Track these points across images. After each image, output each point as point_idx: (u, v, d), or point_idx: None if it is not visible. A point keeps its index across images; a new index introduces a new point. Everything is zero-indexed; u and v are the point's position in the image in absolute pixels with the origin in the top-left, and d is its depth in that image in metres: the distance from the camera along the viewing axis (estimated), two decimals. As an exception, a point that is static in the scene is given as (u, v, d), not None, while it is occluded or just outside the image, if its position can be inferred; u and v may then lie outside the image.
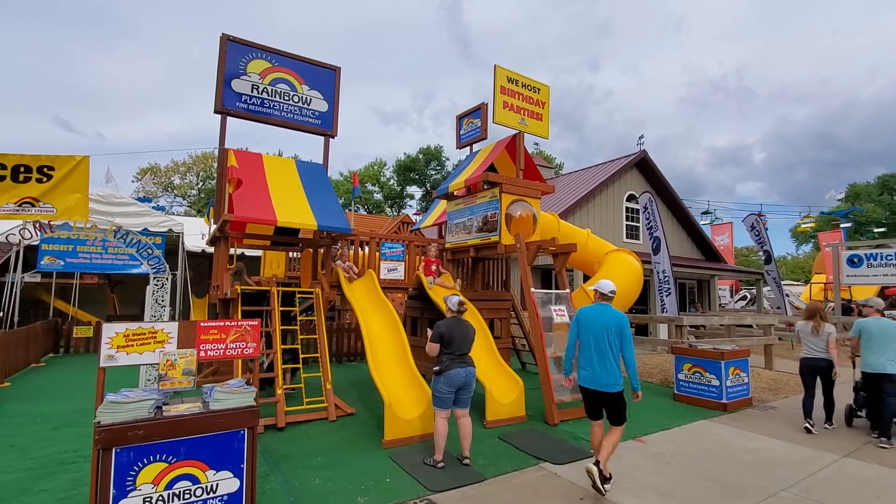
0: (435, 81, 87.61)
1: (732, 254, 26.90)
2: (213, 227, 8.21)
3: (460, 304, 5.02)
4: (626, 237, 18.35)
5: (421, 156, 45.48)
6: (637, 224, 18.70)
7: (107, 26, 71.32)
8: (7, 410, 6.47)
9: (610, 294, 4.51)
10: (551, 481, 4.49)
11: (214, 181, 38.78)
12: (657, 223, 12.07)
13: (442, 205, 10.15)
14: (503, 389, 6.40)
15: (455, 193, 8.74)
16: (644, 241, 18.51)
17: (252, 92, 7.63)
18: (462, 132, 10.18)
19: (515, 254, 7.61)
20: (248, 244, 8.71)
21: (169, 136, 59.94)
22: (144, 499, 2.98)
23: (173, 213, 26.89)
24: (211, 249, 12.22)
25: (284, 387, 6.13)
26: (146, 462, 3.01)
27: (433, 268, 8.23)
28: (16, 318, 11.50)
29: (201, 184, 41.20)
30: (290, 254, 11.40)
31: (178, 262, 13.20)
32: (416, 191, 46.71)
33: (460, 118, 10.27)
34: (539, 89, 8.55)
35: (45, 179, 5.90)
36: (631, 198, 18.73)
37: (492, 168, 8.31)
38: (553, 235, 7.59)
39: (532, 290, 6.80)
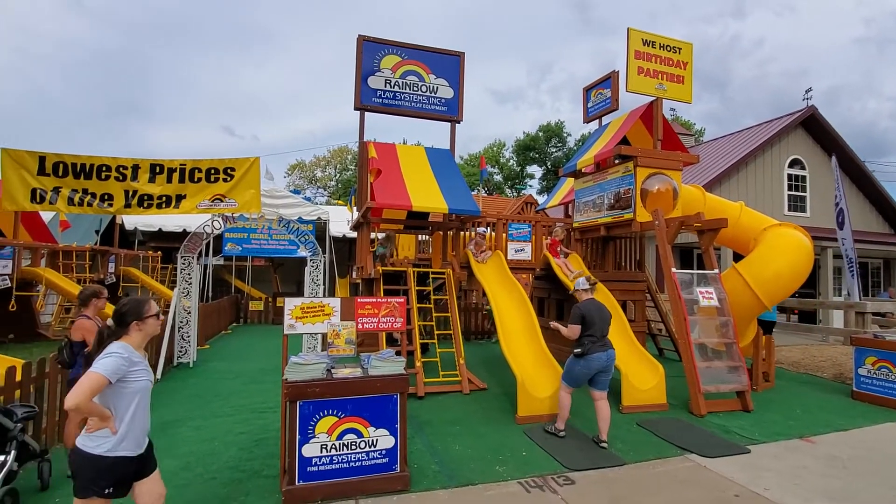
0: (550, 53, 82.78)
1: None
2: (357, 213, 9.08)
3: (588, 279, 5.06)
4: (789, 209, 15.86)
5: (541, 133, 44.19)
6: (802, 194, 16.06)
7: (259, 41, 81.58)
8: (210, 368, 8.04)
9: None
10: (700, 473, 4.22)
11: (349, 172, 42.51)
12: (840, 192, 10.23)
13: (568, 183, 9.85)
14: (641, 375, 6.11)
15: (583, 170, 8.42)
16: (813, 214, 15.86)
17: (385, 87, 8.18)
18: (590, 105, 9.70)
19: (652, 231, 7.12)
20: (383, 228, 9.47)
21: (308, 133, 66.96)
22: (322, 445, 3.53)
23: (317, 203, 30.18)
24: (351, 234, 13.54)
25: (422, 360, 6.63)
26: (322, 415, 3.55)
27: (558, 249, 8.09)
28: (209, 294, 14.12)
29: (338, 175, 45.41)
30: (420, 236, 12.13)
31: (326, 245, 14.88)
32: (536, 170, 45.73)
33: (587, 90, 9.78)
34: (680, 49, 7.75)
35: (228, 179, 7.13)
36: (795, 163, 16.09)
37: (624, 141, 7.81)
38: (698, 210, 6.90)
39: (674, 270, 6.32)
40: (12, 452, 3.24)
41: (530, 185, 45.60)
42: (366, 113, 8.23)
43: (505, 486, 3.87)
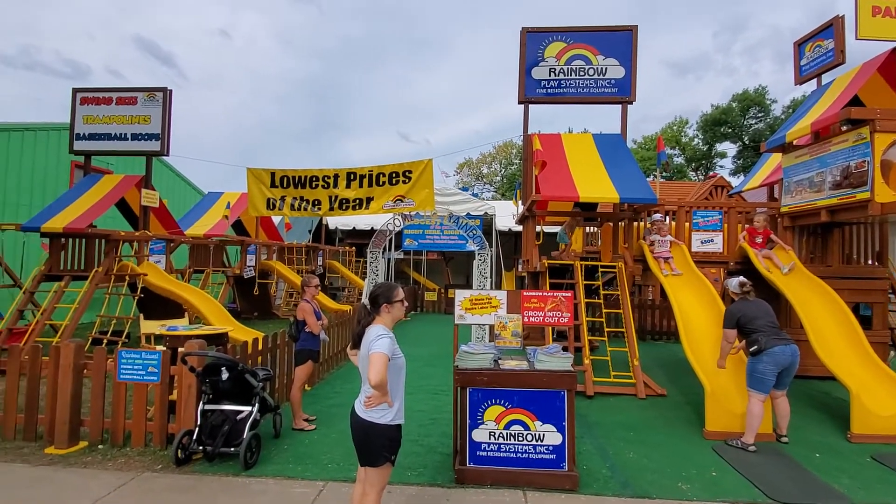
0: (744, 7, 68.31)
1: None
2: (522, 207, 9.13)
3: (741, 284, 4.73)
4: None
5: (735, 104, 37.72)
6: None
7: (427, 50, 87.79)
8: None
9: None
10: (982, 538, 3.14)
11: (514, 167, 42.92)
12: None
13: (773, 160, 8.27)
14: (879, 396, 4.82)
15: (794, 143, 6.95)
16: None
17: (549, 76, 8.01)
18: (803, 62, 7.96)
19: (901, 215, 5.52)
20: (549, 221, 9.32)
21: (474, 132, 69.22)
22: (490, 432, 3.67)
23: (484, 199, 31.24)
24: (517, 228, 13.67)
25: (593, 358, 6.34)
26: (489, 403, 3.68)
27: (758, 239, 6.82)
28: (392, 284, 15.88)
29: (503, 170, 46.25)
30: (587, 228, 11.59)
31: (492, 240, 15.35)
32: (728, 147, 39.36)
33: (800, 44, 8.04)
34: (943, -29, 5.81)
35: (407, 181, 7.89)
36: None
37: (856, 101, 6.20)
38: (979, 184, 5.09)
39: (937, 264, 4.78)
40: (256, 405, 4.15)
41: (720, 166, 39.52)
42: (530, 105, 8.19)
43: (689, 506, 3.47)
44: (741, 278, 4.79)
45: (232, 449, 3.93)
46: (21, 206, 11.13)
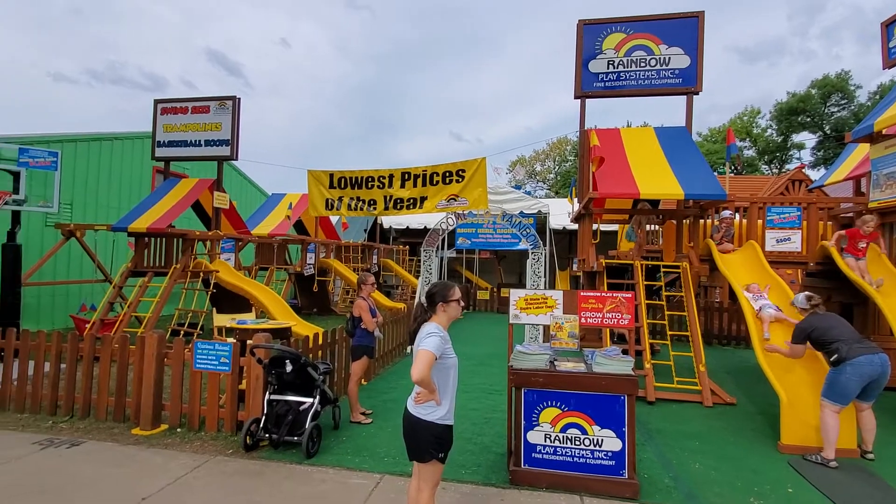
0: None
1: None
2: (577, 205, 8.90)
3: (808, 298, 4.56)
4: None
5: (814, 90, 34.66)
6: None
7: (479, 49, 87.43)
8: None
9: None
10: None
11: (568, 164, 41.83)
12: None
13: (859, 151, 7.53)
14: None
15: (884, 132, 6.30)
16: None
17: (608, 69, 7.74)
18: (892, 45, 7.22)
19: None
20: (606, 219, 9.02)
21: (526, 129, 68.02)
22: (545, 435, 3.61)
23: (537, 197, 30.69)
24: (571, 226, 13.34)
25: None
26: (545, 405, 3.62)
27: (861, 244, 6.02)
28: (445, 283, 16.00)
29: (557, 167, 45.24)
30: (648, 226, 11.09)
31: (546, 238, 15.08)
32: (807, 138, 36.23)
33: (888, 25, 7.30)
34: None
35: (460, 180, 7.91)
36: None
37: (964, 83, 5.51)
38: None
39: None
40: (317, 397, 4.33)
41: (797, 158, 36.48)
42: (587, 100, 7.96)
43: (762, 523, 3.25)
44: (807, 293, 4.60)
45: (295, 438, 4.13)
46: (111, 209, 12.26)
